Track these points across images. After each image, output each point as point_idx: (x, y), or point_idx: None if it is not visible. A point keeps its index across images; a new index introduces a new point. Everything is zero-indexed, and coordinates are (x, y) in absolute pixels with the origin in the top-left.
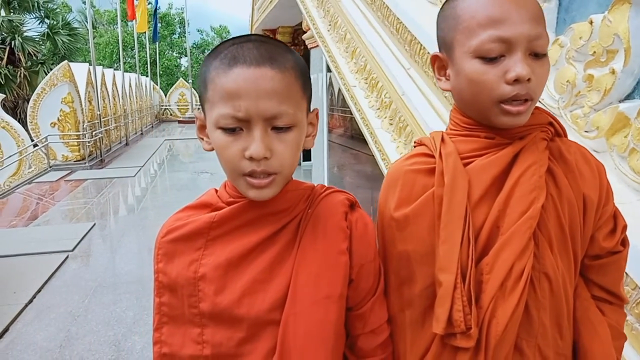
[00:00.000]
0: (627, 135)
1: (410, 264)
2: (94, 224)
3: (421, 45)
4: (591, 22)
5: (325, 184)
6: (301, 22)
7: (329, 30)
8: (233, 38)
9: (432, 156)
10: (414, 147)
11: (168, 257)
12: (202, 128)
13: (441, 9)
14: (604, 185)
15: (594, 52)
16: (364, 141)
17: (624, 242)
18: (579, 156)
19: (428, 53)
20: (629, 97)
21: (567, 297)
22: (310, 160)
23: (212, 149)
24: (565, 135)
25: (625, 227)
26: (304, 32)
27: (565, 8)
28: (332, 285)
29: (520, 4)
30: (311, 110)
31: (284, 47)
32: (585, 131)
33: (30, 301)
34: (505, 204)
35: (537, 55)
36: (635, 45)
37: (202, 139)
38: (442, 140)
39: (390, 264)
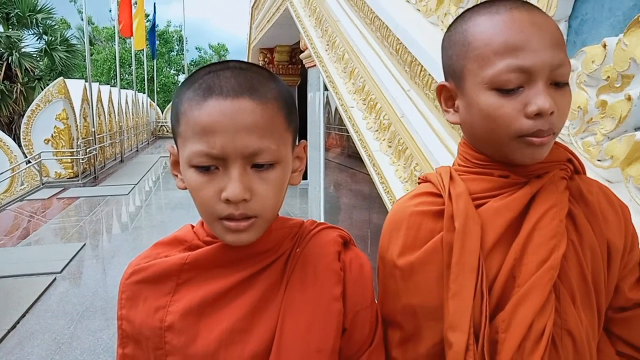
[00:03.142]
0: None
1: (416, 319)
2: (84, 244)
3: (422, 66)
4: (604, 46)
5: (322, 204)
6: (299, 41)
7: (326, 50)
8: (210, 64)
9: (439, 195)
10: (419, 183)
11: (132, 302)
12: (176, 164)
13: (448, 31)
14: (629, 230)
15: (608, 77)
16: (361, 160)
17: None
18: (601, 197)
19: (429, 75)
20: None
21: (592, 356)
22: (306, 179)
23: (186, 188)
24: (584, 173)
25: None
26: (302, 51)
27: (575, 30)
28: (323, 337)
29: (540, 28)
30: (298, 142)
31: (266, 75)
32: (598, 160)
33: (14, 327)
34: (522, 252)
35: (559, 85)
36: None
37: (176, 175)
38: (451, 178)
39: (393, 317)
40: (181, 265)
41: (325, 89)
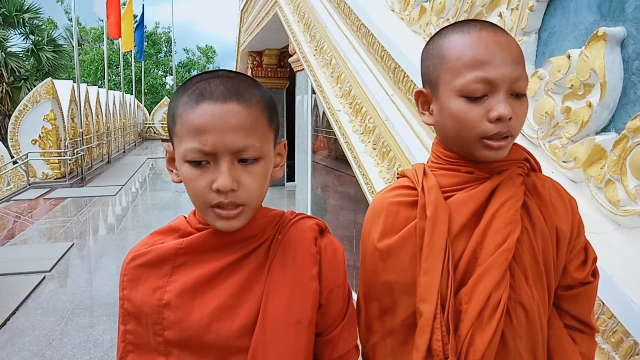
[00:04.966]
0: (604, 167)
1: (393, 294)
2: (73, 244)
3: (405, 73)
4: (569, 57)
5: (309, 205)
6: (288, 45)
7: (315, 55)
8: (201, 74)
9: (415, 189)
10: (397, 178)
11: (133, 284)
12: (172, 161)
13: (427, 46)
14: (576, 219)
15: (572, 85)
16: (348, 163)
17: (595, 274)
18: (553, 191)
19: (412, 81)
20: (605, 129)
21: (542, 327)
22: (294, 181)
23: (181, 181)
24: (540, 171)
25: (595, 259)
26: (291, 56)
27: (544, 42)
28: (302, 310)
29: (503, 46)
30: (279, 141)
31: (251, 83)
32: (564, 162)
33: (4, 324)
34: (483, 237)
35: (518, 96)
36: (610, 80)
37: (172, 171)
38: (425, 173)
39: (374, 293)
40: (177, 250)
41: (314, 92)
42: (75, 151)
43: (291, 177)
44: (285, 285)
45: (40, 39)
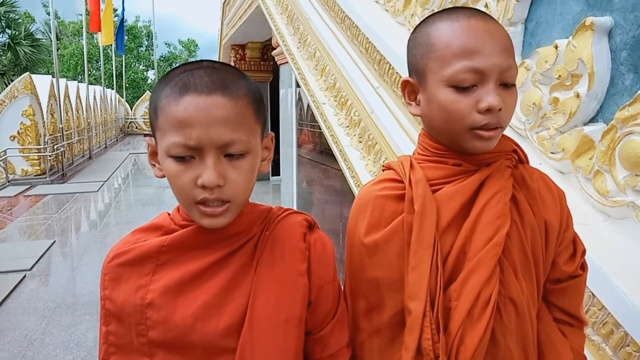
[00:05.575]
0: (592, 157)
1: (379, 291)
2: (54, 242)
3: (390, 65)
4: (556, 47)
5: (295, 199)
6: (271, 38)
7: (298, 48)
8: (184, 64)
9: (401, 181)
10: (383, 170)
11: (115, 283)
12: (154, 154)
13: (413, 33)
14: (564, 212)
15: (559, 75)
16: (333, 156)
17: (583, 267)
18: (541, 183)
19: (397, 73)
20: (593, 120)
21: (532, 321)
22: (279, 175)
23: (164, 176)
24: (528, 162)
25: (584, 251)
26: (274, 48)
27: (530, 32)
28: (291, 308)
29: (493, 35)
30: (266, 134)
31: (236, 74)
32: (552, 152)
33: None
34: (472, 231)
35: (507, 85)
36: (598, 70)
37: (154, 165)
38: (411, 166)
39: (360, 289)
40: (160, 247)
41: (298, 85)
42: (55, 147)
43: (276, 171)
44: (273, 283)
45: (17, 32)
